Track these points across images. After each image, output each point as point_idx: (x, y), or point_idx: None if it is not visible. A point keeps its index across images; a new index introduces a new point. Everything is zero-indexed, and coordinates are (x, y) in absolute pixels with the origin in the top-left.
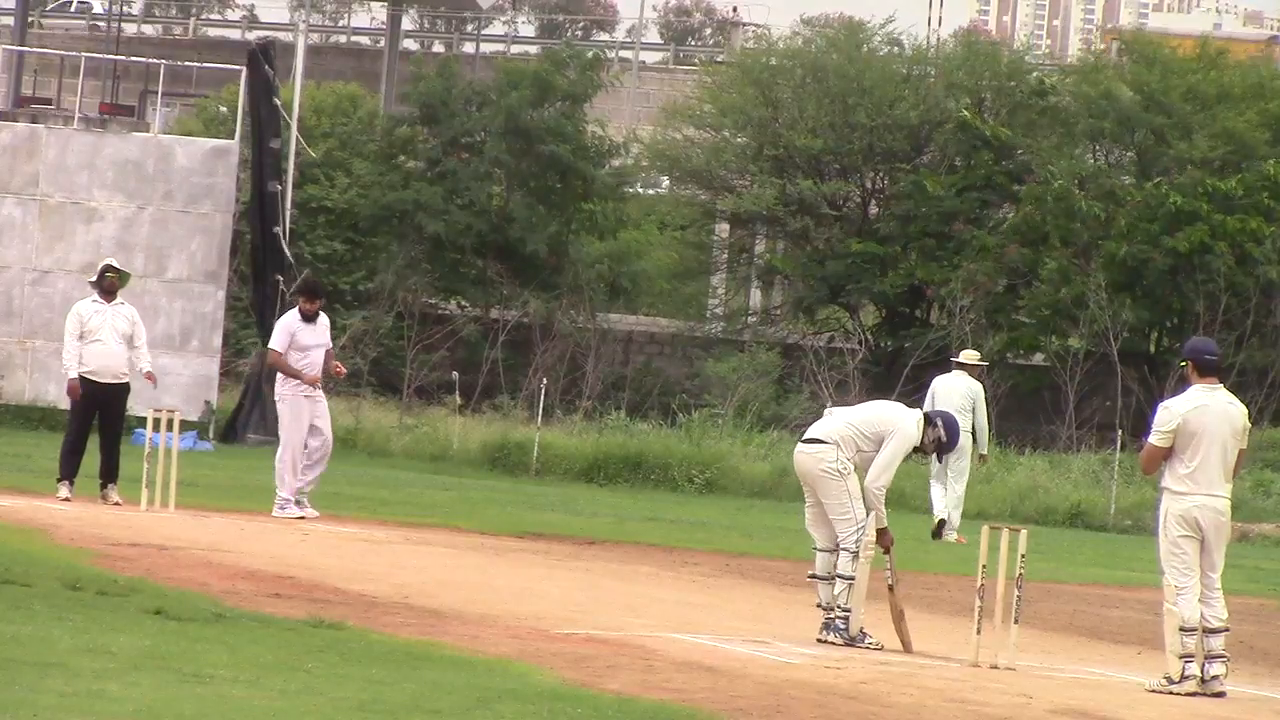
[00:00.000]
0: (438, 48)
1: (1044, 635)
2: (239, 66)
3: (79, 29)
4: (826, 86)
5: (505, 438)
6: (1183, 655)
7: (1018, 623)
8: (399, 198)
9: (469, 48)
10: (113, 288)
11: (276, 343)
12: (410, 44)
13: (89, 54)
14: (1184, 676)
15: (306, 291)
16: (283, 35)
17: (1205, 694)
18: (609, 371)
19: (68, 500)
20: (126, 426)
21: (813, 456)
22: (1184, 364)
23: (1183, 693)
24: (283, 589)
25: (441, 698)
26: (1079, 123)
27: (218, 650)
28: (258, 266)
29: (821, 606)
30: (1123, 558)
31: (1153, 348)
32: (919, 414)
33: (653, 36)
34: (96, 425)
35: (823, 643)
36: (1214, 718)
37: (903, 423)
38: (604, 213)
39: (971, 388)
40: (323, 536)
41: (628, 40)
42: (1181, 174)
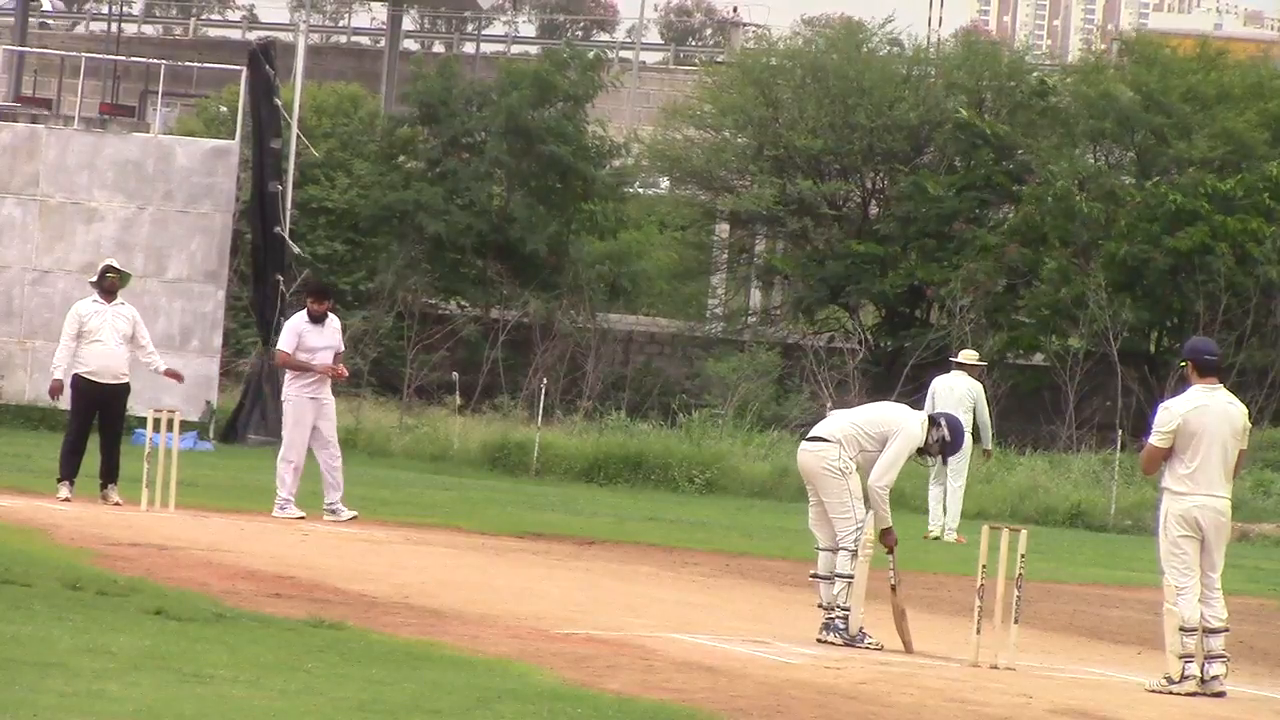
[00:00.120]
0: (438, 48)
1: (1044, 635)
2: (239, 66)
3: (67, 29)
4: (826, 87)
5: (505, 438)
6: (1183, 655)
7: (1018, 623)
8: (399, 198)
9: (469, 48)
10: (113, 288)
11: (283, 343)
12: (410, 44)
13: (89, 54)
14: (1184, 676)
15: (314, 292)
16: (283, 35)
17: (1205, 694)
18: (609, 371)
19: (68, 500)
20: (126, 426)
21: (815, 454)
22: (1184, 364)
23: (1183, 693)
24: (283, 589)
25: (441, 698)
26: (1079, 123)
27: (218, 650)
28: (258, 266)
29: (823, 606)
30: (1123, 558)
31: (1153, 348)
32: (923, 415)
33: (653, 37)
34: (96, 425)
35: (823, 643)
36: (1214, 718)
37: (907, 423)
38: (604, 213)
39: (971, 388)
40: (323, 536)
41: (628, 40)
42: (1181, 174)
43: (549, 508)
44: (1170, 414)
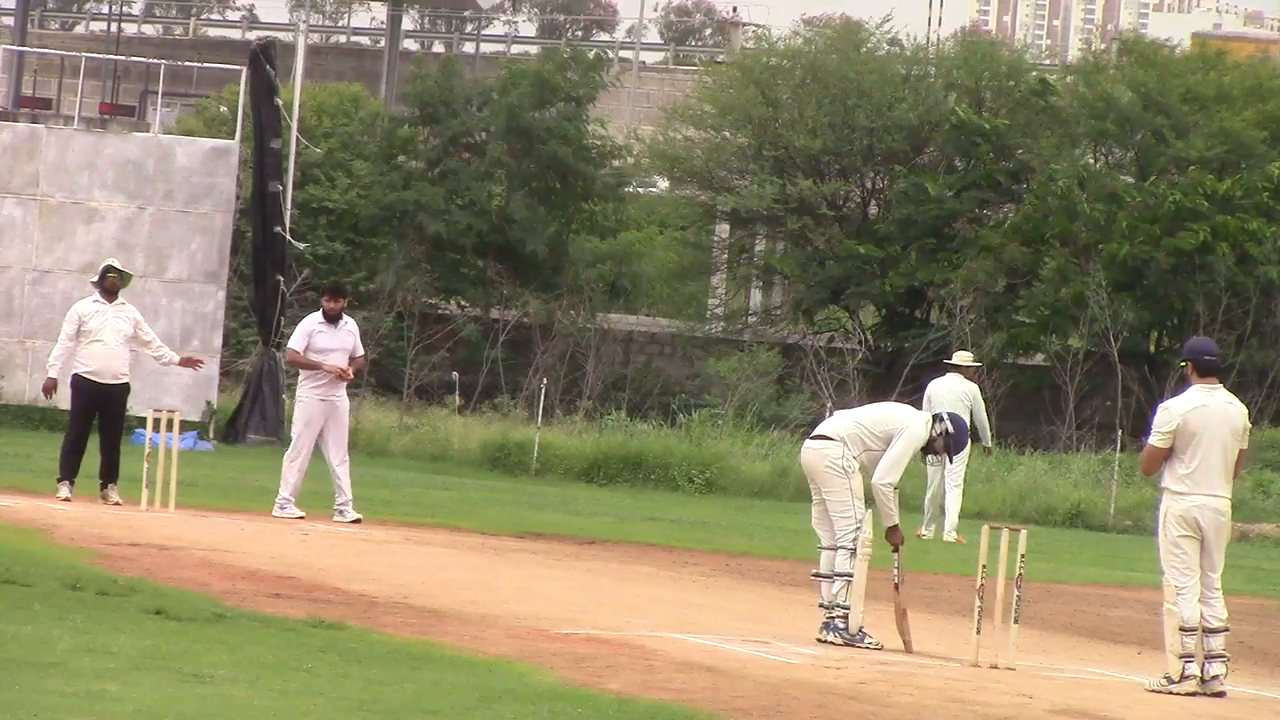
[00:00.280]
0: (438, 48)
1: (1044, 635)
2: (239, 66)
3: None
4: (826, 87)
5: (505, 438)
6: (1183, 655)
7: (1018, 623)
8: (399, 198)
9: (469, 48)
10: (114, 288)
11: (293, 341)
12: (410, 44)
13: (89, 54)
14: (1184, 676)
15: (329, 290)
16: (283, 35)
17: (1205, 694)
18: (609, 371)
19: (68, 500)
20: (126, 426)
21: (818, 452)
22: (1184, 364)
23: (1183, 693)
24: (283, 589)
25: (441, 698)
26: (1079, 123)
27: (218, 650)
28: (258, 266)
29: (823, 606)
30: (1123, 558)
31: (1153, 348)
32: (927, 415)
33: (653, 37)
34: (97, 425)
35: (823, 642)
36: (1214, 718)
37: (911, 422)
38: (604, 213)
39: (967, 389)
40: (323, 536)
41: (628, 40)
42: (1181, 174)
43: (549, 508)
44: (1170, 414)
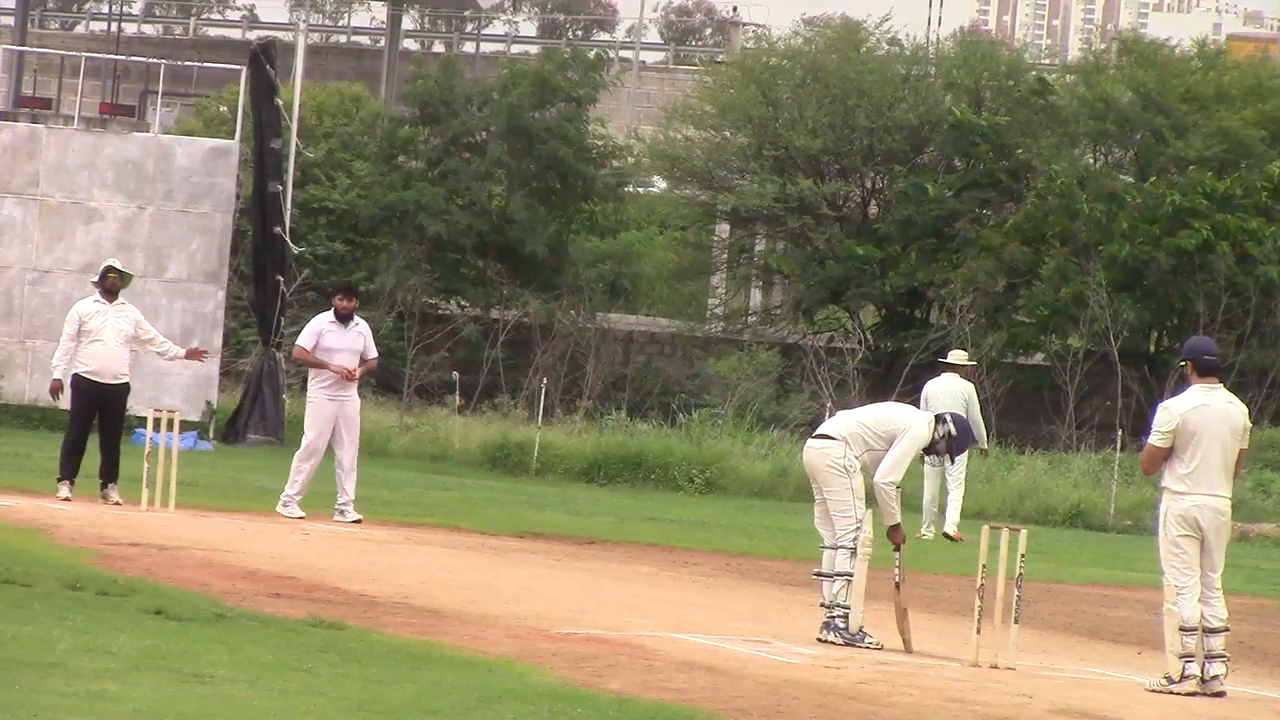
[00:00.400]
0: (438, 48)
1: (1044, 635)
2: (239, 66)
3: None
4: (826, 87)
5: (505, 438)
6: (1183, 655)
7: (1018, 623)
8: (399, 198)
9: (469, 47)
10: (115, 288)
11: (301, 339)
12: (410, 44)
13: (89, 54)
14: (1184, 676)
15: (342, 288)
16: (283, 35)
17: (1205, 694)
18: (609, 371)
19: (68, 500)
20: (126, 426)
21: (820, 451)
22: (1184, 364)
23: (1183, 693)
24: (283, 589)
25: (441, 698)
26: (1079, 123)
27: (218, 650)
28: (258, 266)
29: (824, 605)
30: (1123, 558)
31: (1153, 348)
32: (929, 415)
33: (653, 36)
34: (96, 425)
35: (823, 642)
36: (1214, 718)
37: (914, 422)
38: (604, 213)
39: (963, 388)
40: (323, 536)
41: (628, 40)
42: (1181, 174)
43: (549, 508)
44: (1170, 414)
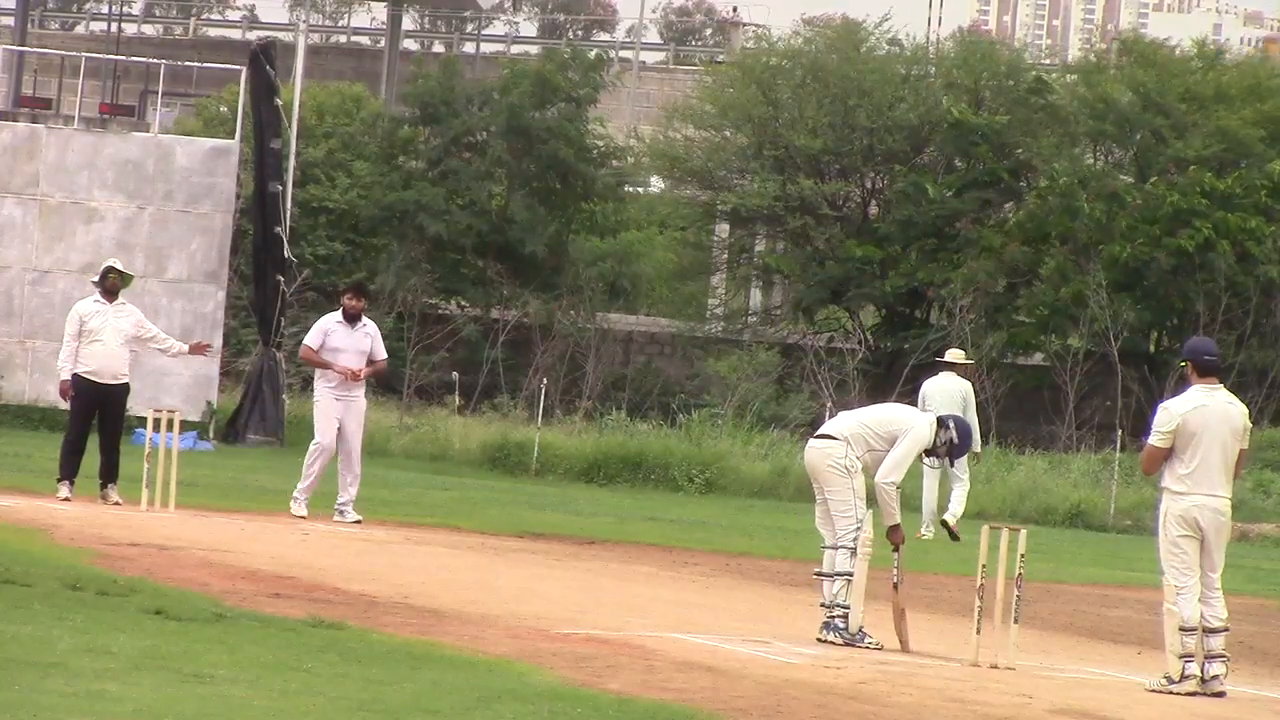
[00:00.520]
0: (438, 48)
1: (1044, 635)
2: (239, 66)
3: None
4: (827, 86)
5: (505, 438)
6: (1183, 655)
7: (1018, 623)
8: (399, 198)
9: (469, 48)
10: (115, 288)
11: (308, 338)
12: (410, 44)
13: (89, 54)
14: (1184, 676)
15: (352, 288)
16: (283, 35)
17: (1205, 694)
18: (609, 371)
19: (68, 500)
20: (126, 426)
21: (821, 451)
22: (1184, 364)
23: (1183, 693)
24: (283, 589)
25: (441, 698)
26: (1079, 123)
27: (218, 650)
28: (258, 266)
29: (824, 605)
30: (1123, 558)
31: (1153, 348)
32: (931, 417)
33: (653, 36)
34: (96, 425)
35: (823, 642)
36: (1214, 718)
37: (916, 424)
38: (604, 213)
39: (961, 387)
40: (323, 536)
41: (628, 40)
42: (1181, 174)
43: (549, 508)
44: (1170, 414)
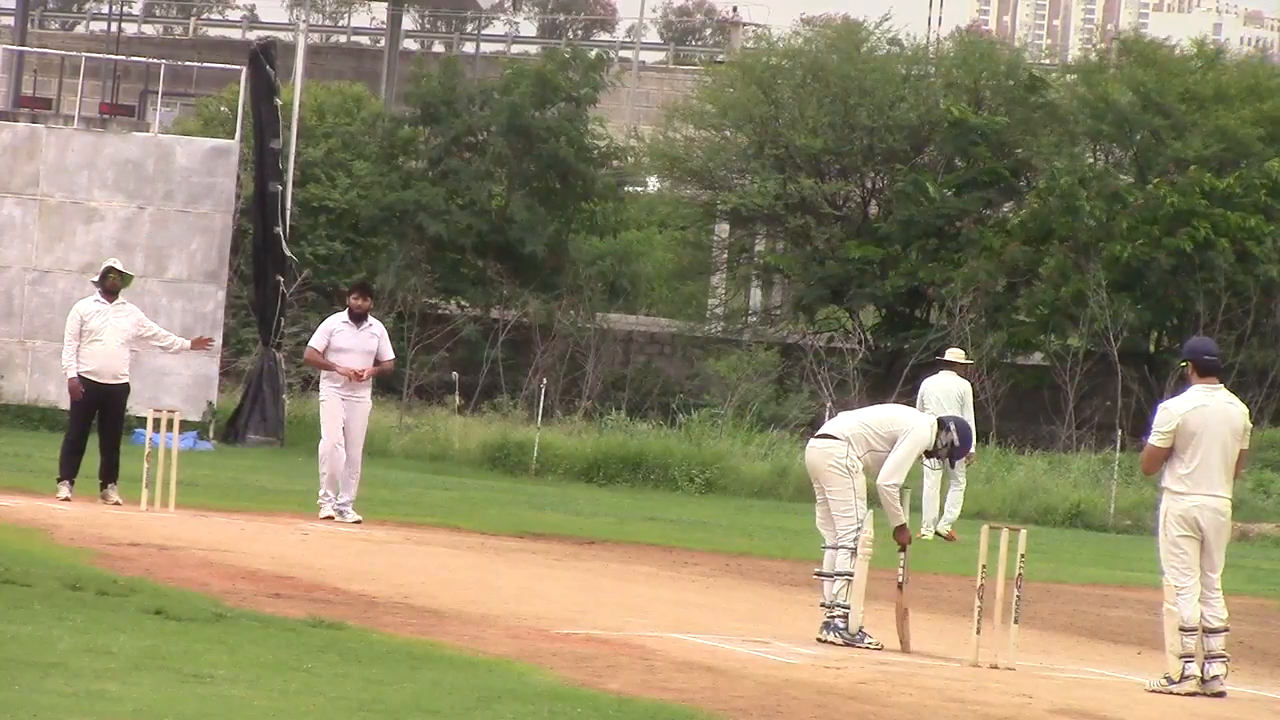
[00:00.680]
0: (438, 48)
1: (1044, 635)
2: (239, 66)
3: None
4: (827, 86)
5: (505, 438)
6: (1183, 655)
7: (1018, 623)
8: (399, 198)
9: (469, 48)
10: (115, 288)
11: (314, 340)
12: (410, 44)
13: (89, 54)
14: (1184, 676)
15: (357, 287)
16: (283, 35)
17: (1205, 694)
18: (609, 371)
19: (68, 500)
20: (126, 426)
21: (822, 451)
22: (1184, 364)
23: (1183, 693)
24: (283, 589)
25: (441, 698)
26: (1079, 123)
27: (218, 650)
28: (258, 266)
29: (824, 605)
30: (1123, 558)
31: (1153, 348)
32: (932, 418)
33: (653, 36)
34: (96, 425)
35: (823, 642)
36: (1214, 718)
37: (917, 424)
38: (604, 213)
39: (960, 387)
40: (323, 536)
41: (628, 40)
42: (1181, 174)
43: (549, 508)
44: (1170, 414)
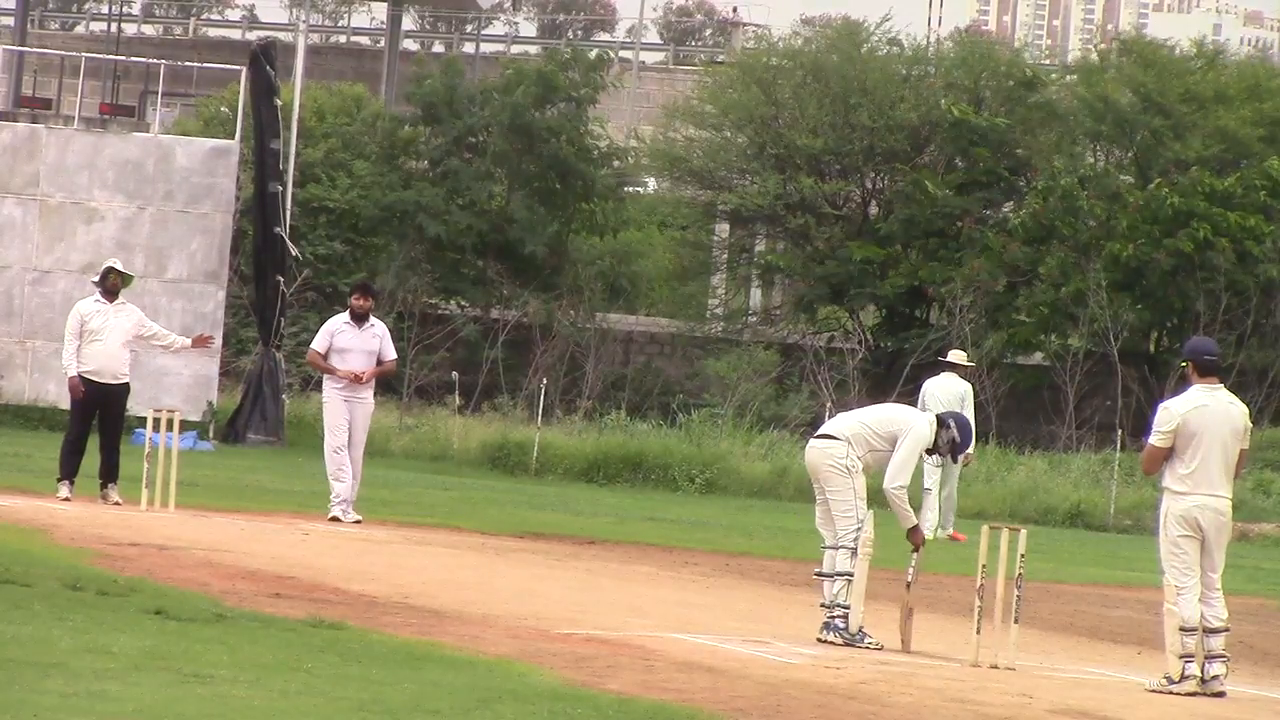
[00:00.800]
0: (438, 48)
1: (1044, 635)
2: (239, 66)
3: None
4: (827, 86)
5: (505, 438)
6: (1183, 655)
7: (1018, 623)
8: (399, 198)
9: (469, 48)
10: (115, 288)
11: (315, 342)
12: (410, 44)
13: (89, 54)
14: (1184, 676)
15: (358, 287)
16: (283, 35)
17: (1205, 694)
18: (609, 371)
19: (68, 500)
20: (126, 426)
21: (822, 451)
22: (1184, 364)
23: (1183, 693)
24: (283, 589)
25: (441, 698)
26: (1079, 123)
27: (218, 650)
28: (258, 266)
29: (824, 605)
30: (1123, 558)
31: (1153, 348)
32: (931, 416)
33: (653, 37)
34: (96, 425)
35: (823, 642)
36: (1214, 718)
37: (916, 423)
38: (604, 212)
39: (961, 388)
40: (323, 536)
41: (628, 40)
42: (1181, 175)
43: (549, 508)
44: (1170, 414)
